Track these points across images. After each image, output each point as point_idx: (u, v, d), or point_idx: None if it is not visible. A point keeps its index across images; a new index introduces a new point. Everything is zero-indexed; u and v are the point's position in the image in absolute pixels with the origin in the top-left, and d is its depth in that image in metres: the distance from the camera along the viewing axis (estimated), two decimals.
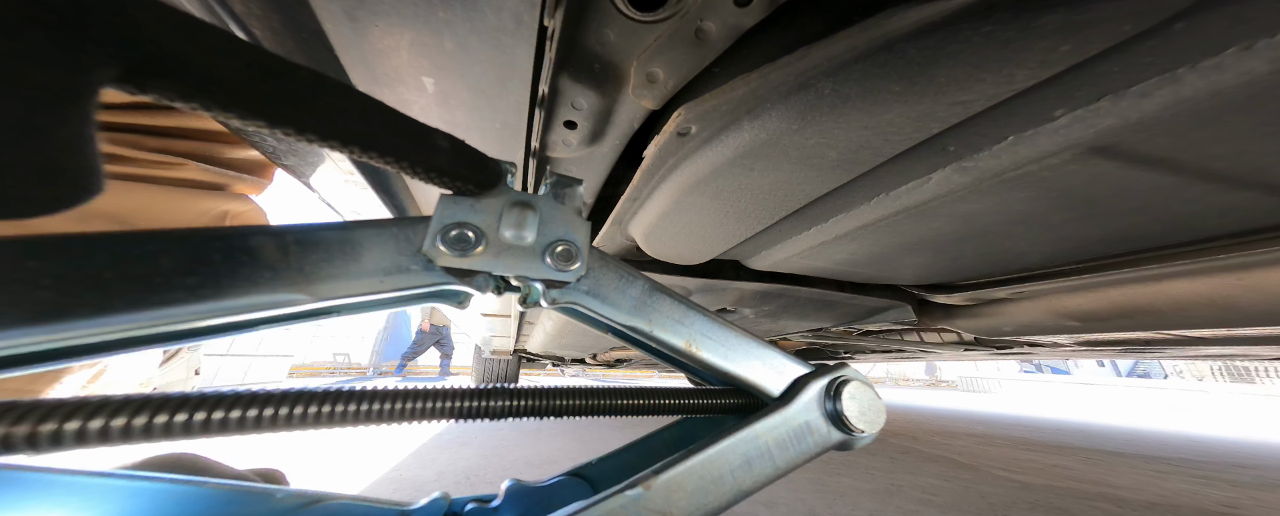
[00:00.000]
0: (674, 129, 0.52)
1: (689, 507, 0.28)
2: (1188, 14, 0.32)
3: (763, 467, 0.30)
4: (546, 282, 0.29)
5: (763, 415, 0.32)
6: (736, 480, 0.29)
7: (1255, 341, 1.37)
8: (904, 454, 1.93)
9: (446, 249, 0.26)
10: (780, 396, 0.34)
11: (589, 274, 0.30)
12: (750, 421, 0.31)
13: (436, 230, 0.26)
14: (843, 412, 0.33)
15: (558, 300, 0.29)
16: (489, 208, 0.28)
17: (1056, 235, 0.73)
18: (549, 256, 0.29)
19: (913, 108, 0.43)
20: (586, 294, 0.30)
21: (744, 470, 0.30)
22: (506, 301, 1.99)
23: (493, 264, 0.27)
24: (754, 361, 0.34)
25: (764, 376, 0.34)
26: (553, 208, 0.30)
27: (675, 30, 0.43)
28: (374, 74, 0.52)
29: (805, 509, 1.11)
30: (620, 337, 0.35)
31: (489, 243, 0.27)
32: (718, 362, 0.33)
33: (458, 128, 0.62)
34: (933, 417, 3.78)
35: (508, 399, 0.28)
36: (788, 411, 0.33)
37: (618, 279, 0.32)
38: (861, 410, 0.33)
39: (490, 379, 4.91)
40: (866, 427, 0.33)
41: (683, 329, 0.32)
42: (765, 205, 0.67)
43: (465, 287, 0.27)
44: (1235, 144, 0.44)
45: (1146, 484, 1.59)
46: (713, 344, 0.33)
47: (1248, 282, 0.84)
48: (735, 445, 0.30)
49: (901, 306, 1.35)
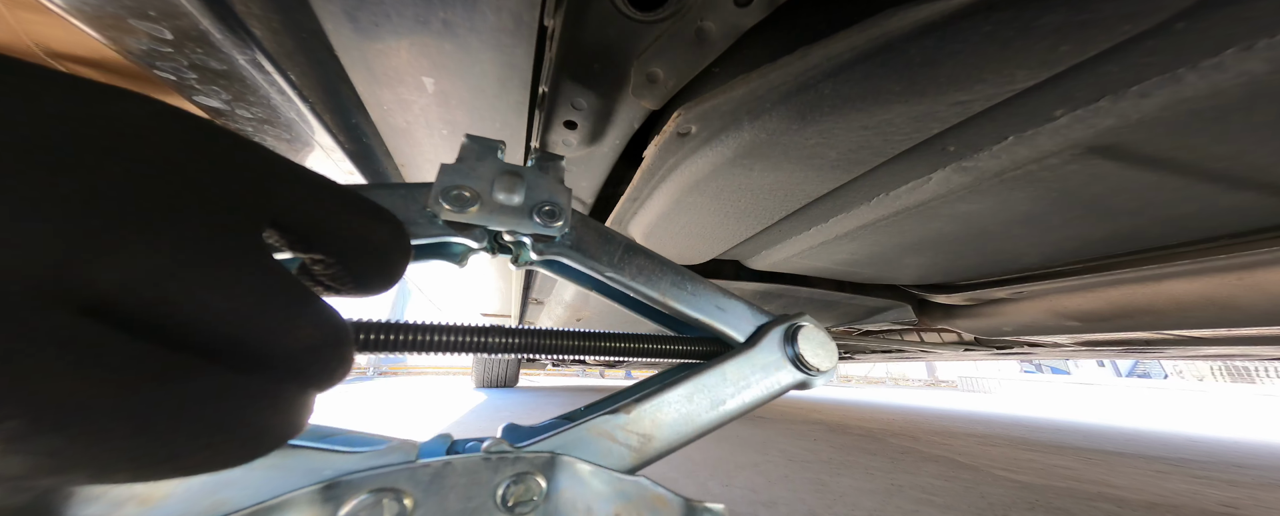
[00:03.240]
0: (674, 129, 0.52)
1: (668, 433, 0.31)
2: (1188, 14, 0.32)
3: (731, 404, 0.34)
4: (534, 237, 0.33)
5: (730, 356, 0.36)
6: (709, 412, 0.33)
7: (1255, 341, 1.37)
8: (904, 454, 1.93)
9: (448, 205, 0.30)
10: (746, 341, 0.38)
11: (572, 231, 0.34)
12: (719, 361, 0.35)
13: (438, 191, 0.30)
14: (801, 354, 0.37)
15: (545, 252, 0.33)
16: (483, 174, 0.32)
17: (1056, 235, 0.73)
18: (536, 214, 0.32)
19: (913, 108, 0.43)
20: (571, 248, 0.34)
21: (715, 405, 0.34)
22: (507, 302, 2.00)
23: (487, 219, 0.31)
24: (720, 310, 0.38)
25: (730, 323, 0.38)
26: (538, 176, 0.34)
27: (675, 30, 0.43)
28: (374, 74, 0.52)
29: (805, 509, 1.11)
30: (604, 293, 0.38)
31: (483, 202, 0.31)
32: (689, 311, 0.37)
33: (458, 127, 0.62)
34: (933, 417, 3.78)
35: (509, 337, 0.32)
36: (752, 353, 0.36)
37: (599, 237, 0.35)
38: (815, 350, 0.37)
39: (490, 380, 4.92)
40: (822, 366, 0.37)
41: (658, 280, 0.36)
42: (765, 205, 0.67)
43: (464, 239, 0.31)
44: (1235, 144, 0.44)
45: (1146, 484, 1.59)
46: (684, 294, 0.37)
47: (1248, 282, 0.84)
48: (707, 382, 0.34)
49: (901, 306, 1.35)
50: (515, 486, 0.25)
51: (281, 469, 0.22)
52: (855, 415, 3.62)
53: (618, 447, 0.30)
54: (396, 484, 0.23)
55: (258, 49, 0.48)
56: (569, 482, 0.27)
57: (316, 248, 0.20)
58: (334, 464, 0.23)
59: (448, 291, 2.07)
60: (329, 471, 0.22)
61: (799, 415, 3.34)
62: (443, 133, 0.63)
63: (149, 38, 0.45)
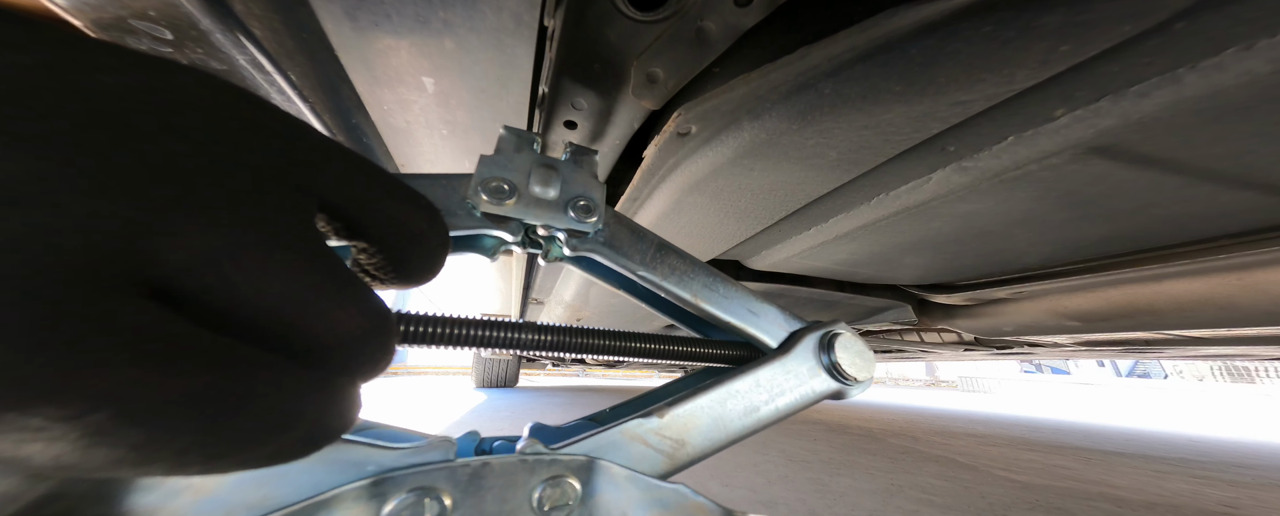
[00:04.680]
0: (674, 129, 0.52)
1: (701, 439, 0.30)
2: (1188, 14, 0.32)
3: (765, 411, 0.33)
4: (568, 232, 0.32)
5: (762, 362, 0.35)
6: (743, 418, 0.32)
7: (1255, 341, 1.37)
8: (904, 454, 1.93)
9: (486, 197, 0.30)
10: (779, 347, 0.37)
11: (606, 228, 0.34)
12: (752, 367, 0.34)
13: (478, 182, 0.30)
14: (838, 362, 0.36)
15: (578, 248, 0.33)
16: (520, 167, 0.32)
17: (1056, 235, 0.73)
18: (571, 209, 0.32)
19: (913, 108, 0.43)
20: (604, 245, 0.33)
21: (748, 412, 0.33)
22: (508, 301, 1.99)
23: (524, 213, 0.31)
24: (753, 315, 0.37)
25: (762, 328, 0.37)
26: (572, 170, 0.34)
27: (675, 30, 0.43)
28: (374, 74, 0.52)
29: (805, 509, 1.11)
30: (632, 292, 0.38)
31: (521, 195, 0.31)
32: (720, 314, 0.36)
33: (458, 128, 0.62)
34: (933, 417, 3.78)
35: (538, 333, 0.32)
36: (786, 360, 0.35)
37: (632, 235, 0.35)
38: (853, 359, 0.36)
39: (490, 379, 4.92)
40: (859, 376, 0.36)
41: (690, 281, 0.36)
42: (765, 205, 0.67)
43: (500, 232, 0.30)
44: (1235, 144, 0.44)
45: (1146, 484, 1.59)
46: (716, 296, 0.36)
47: (1248, 282, 0.84)
48: (740, 388, 0.33)
49: (901, 306, 1.35)
50: (551, 490, 0.25)
51: (328, 462, 0.22)
52: (855, 415, 3.62)
53: (651, 453, 0.29)
54: (436, 483, 0.23)
55: (258, 49, 0.48)
56: (605, 487, 0.26)
57: (361, 234, 0.20)
58: (376, 459, 0.23)
59: (448, 290, 2.07)
60: (371, 467, 0.22)
61: (799, 415, 3.34)
62: (443, 133, 0.63)
63: (149, 38, 0.45)
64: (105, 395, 0.11)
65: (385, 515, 0.21)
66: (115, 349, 0.11)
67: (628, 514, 0.26)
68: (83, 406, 0.10)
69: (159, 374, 0.11)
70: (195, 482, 0.19)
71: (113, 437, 0.11)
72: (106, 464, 0.11)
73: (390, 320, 0.18)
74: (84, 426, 0.11)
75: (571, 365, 6.14)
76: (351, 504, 0.21)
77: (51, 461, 0.11)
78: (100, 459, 0.11)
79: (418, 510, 0.22)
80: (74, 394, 0.10)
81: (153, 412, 0.11)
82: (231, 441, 0.13)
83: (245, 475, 0.20)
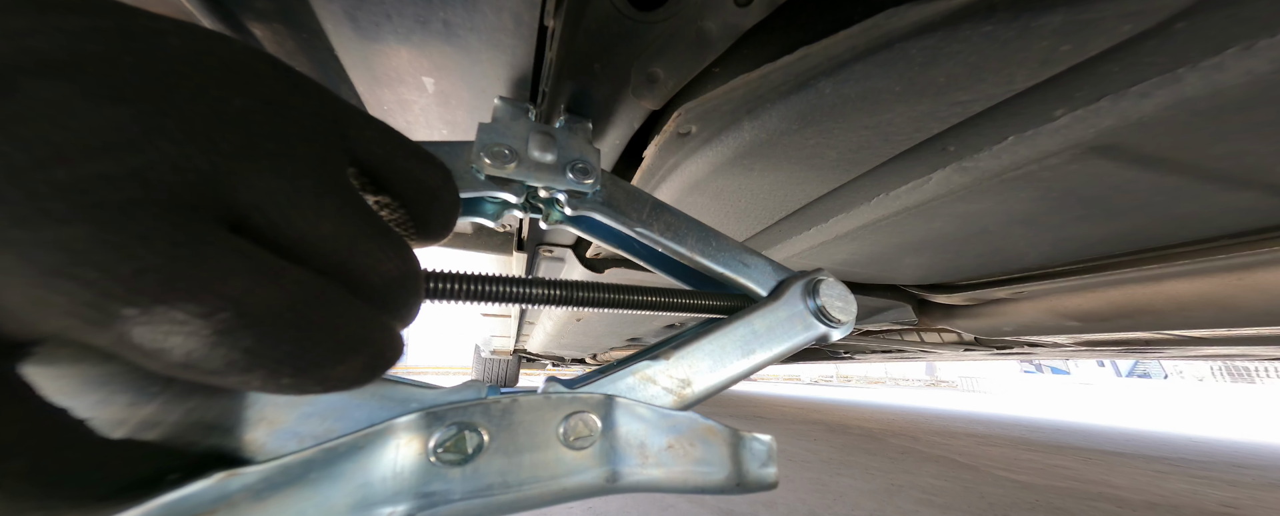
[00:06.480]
0: (674, 129, 0.52)
1: (704, 379, 0.33)
2: (1188, 14, 0.32)
3: (761, 352, 0.36)
4: (568, 193, 0.35)
5: (755, 309, 0.37)
6: (740, 361, 0.35)
7: (1255, 341, 1.37)
8: (904, 454, 1.93)
9: (490, 161, 0.32)
10: (769, 295, 0.39)
11: (603, 188, 0.36)
12: (746, 313, 0.37)
13: (480, 147, 0.33)
14: (823, 306, 0.38)
15: (578, 208, 0.35)
16: (518, 133, 0.34)
17: (1056, 235, 0.73)
18: (570, 171, 0.35)
19: (913, 108, 0.43)
20: (602, 205, 0.36)
21: (745, 354, 0.35)
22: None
23: (526, 175, 0.33)
24: (744, 266, 0.40)
25: (753, 278, 0.40)
26: (568, 136, 0.36)
27: (675, 30, 0.43)
28: (374, 74, 0.52)
29: (805, 509, 1.11)
30: (630, 250, 0.40)
31: (521, 159, 0.33)
32: (714, 266, 0.38)
33: (458, 128, 0.62)
34: (933, 417, 3.78)
35: (541, 287, 0.34)
36: (776, 306, 0.38)
37: (627, 194, 0.37)
38: (836, 302, 0.39)
39: (490, 380, 4.94)
40: (842, 317, 0.39)
41: (685, 236, 0.38)
42: (765, 205, 0.67)
43: (504, 194, 0.32)
44: (1235, 144, 0.44)
45: (1146, 484, 1.59)
46: (710, 249, 0.39)
47: (1248, 282, 0.84)
48: (737, 332, 0.35)
49: (901, 306, 1.35)
50: (574, 423, 0.27)
51: (380, 397, 0.24)
52: (855, 415, 3.62)
53: (660, 391, 0.31)
54: (474, 418, 0.25)
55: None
56: (623, 419, 0.28)
57: (385, 188, 0.22)
58: (419, 397, 0.25)
59: None
60: (415, 404, 0.24)
61: (799, 415, 3.34)
62: (443, 132, 0.63)
63: None
64: (229, 298, 0.13)
65: (433, 445, 0.24)
66: (232, 261, 0.13)
67: (645, 440, 0.28)
68: (214, 304, 0.13)
69: (267, 286, 0.14)
70: (268, 415, 0.21)
71: (231, 338, 0.13)
72: (222, 366, 0.13)
73: (419, 267, 0.20)
74: (213, 324, 0.13)
75: (572, 365, 6.14)
76: (404, 432, 0.24)
77: (183, 357, 0.13)
78: (219, 360, 0.13)
79: (460, 442, 0.24)
80: (207, 293, 0.13)
81: (262, 319, 0.13)
82: (315, 357, 0.14)
83: (309, 410, 0.22)
